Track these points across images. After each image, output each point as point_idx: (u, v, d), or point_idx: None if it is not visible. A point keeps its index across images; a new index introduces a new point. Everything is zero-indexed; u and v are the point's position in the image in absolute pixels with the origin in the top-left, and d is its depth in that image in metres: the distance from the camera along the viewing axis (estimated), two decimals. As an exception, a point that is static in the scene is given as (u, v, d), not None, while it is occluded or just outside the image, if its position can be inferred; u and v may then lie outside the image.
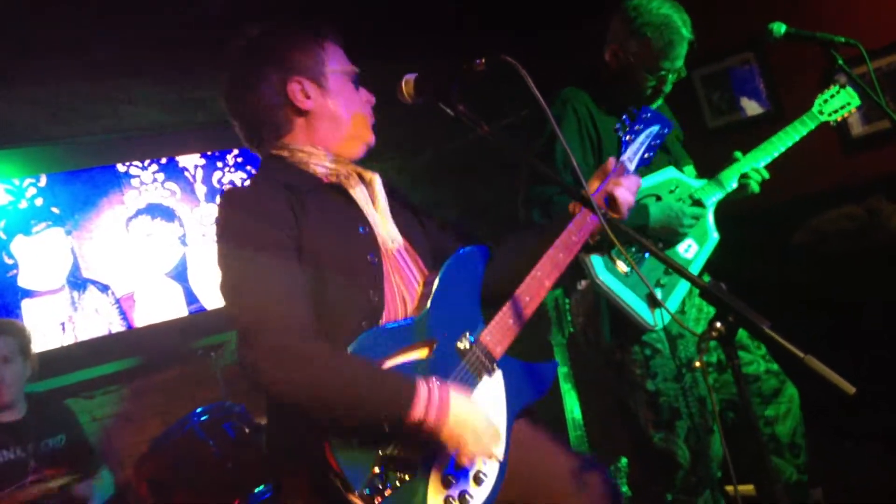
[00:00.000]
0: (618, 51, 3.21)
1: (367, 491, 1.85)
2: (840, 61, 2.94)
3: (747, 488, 3.32)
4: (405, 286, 2.16)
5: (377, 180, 2.22)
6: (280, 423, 2.06)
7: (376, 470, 1.88)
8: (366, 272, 2.08)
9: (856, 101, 3.23)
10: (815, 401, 3.24)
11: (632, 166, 2.41)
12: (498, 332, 2.15)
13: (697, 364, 1.70)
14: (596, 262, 3.05)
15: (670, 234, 3.13)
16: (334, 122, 2.16)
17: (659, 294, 3.09)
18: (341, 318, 2.01)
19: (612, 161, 2.37)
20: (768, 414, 3.27)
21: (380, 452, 1.90)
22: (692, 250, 3.22)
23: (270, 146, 2.16)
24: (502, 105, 4.05)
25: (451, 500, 1.98)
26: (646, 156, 2.46)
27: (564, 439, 4.04)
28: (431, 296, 2.11)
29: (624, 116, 2.48)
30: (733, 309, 1.72)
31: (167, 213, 4.76)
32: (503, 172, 4.60)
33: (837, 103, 3.24)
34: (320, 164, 2.15)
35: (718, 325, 1.75)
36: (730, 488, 3.37)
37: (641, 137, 2.44)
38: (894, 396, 3.86)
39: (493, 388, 2.15)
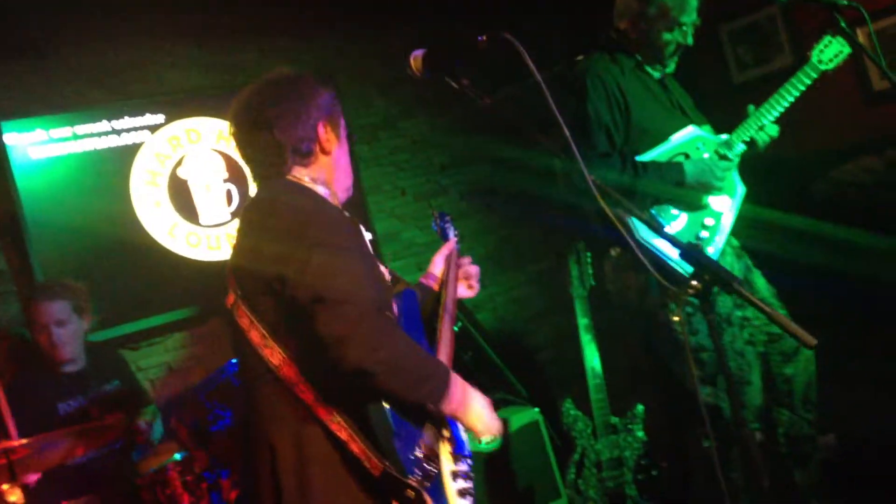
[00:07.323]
0: (636, 20, 3.35)
1: (419, 475, 2.02)
2: (842, 23, 3.02)
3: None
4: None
5: None
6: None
7: (419, 454, 2.07)
8: (387, 295, 2.28)
9: (847, 49, 3.29)
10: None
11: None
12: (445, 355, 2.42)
13: (676, 318, 1.87)
14: (637, 221, 3.13)
15: (706, 188, 3.28)
16: (344, 172, 2.38)
17: (702, 244, 3.24)
18: None
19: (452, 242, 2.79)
20: (787, 371, 3.41)
21: (420, 436, 2.11)
22: (725, 203, 3.36)
23: (291, 171, 2.27)
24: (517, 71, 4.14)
25: (458, 475, 2.20)
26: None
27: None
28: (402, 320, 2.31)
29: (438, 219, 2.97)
30: (708, 268, 1.89)
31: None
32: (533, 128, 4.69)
33: (832, 52, 3.30)
34: (336, 201, 2.34)
35: (695, 282, 1.92)
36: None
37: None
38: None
39: None
